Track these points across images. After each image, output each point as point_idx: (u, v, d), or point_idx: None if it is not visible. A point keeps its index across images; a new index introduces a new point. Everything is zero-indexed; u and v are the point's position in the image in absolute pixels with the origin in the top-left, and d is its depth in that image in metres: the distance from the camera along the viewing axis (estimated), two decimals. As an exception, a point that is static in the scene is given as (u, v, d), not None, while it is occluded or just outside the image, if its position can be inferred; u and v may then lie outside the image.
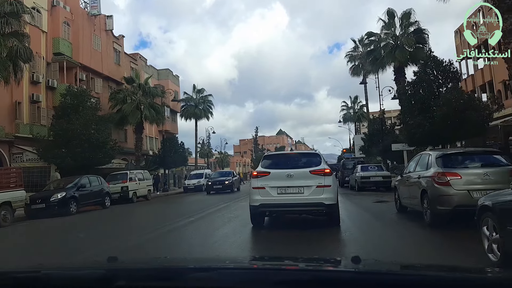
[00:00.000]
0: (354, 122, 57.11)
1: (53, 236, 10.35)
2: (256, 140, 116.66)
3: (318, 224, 8.19)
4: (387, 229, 8.23)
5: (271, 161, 8.25)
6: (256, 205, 7.75)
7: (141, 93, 29.11)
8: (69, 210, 14.32)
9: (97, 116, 23.27)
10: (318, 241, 6.79)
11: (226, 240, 7.57)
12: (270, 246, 6.79)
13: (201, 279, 1.45)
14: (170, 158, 34.61)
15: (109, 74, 31.35)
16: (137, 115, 28.39)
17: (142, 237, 8.30)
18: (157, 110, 29.75)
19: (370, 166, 20.44)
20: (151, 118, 28.92)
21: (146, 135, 40.61)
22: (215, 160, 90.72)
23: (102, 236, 9.38)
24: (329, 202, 7.50)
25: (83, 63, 27.95)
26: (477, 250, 4.93)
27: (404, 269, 1.77)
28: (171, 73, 46.12)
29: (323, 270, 1.71)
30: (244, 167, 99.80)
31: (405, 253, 5.70)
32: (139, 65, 39.35)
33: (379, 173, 19.17)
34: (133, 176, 20.48)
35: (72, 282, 1.53)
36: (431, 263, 2.20)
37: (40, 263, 3.09)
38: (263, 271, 1.67)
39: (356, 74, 42.37)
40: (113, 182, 19.70)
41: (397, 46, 26.56)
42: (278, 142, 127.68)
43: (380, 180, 18.85)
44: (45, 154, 21.00)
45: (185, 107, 46.41)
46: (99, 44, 30.45)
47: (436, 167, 7.49)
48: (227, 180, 25.29)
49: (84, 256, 6.20)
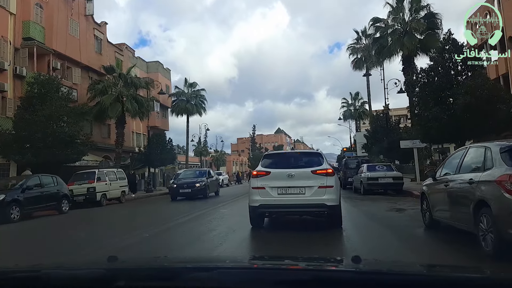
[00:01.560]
0: (355, 119, 54.37)
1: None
2: (254, 138, 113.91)
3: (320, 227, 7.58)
4: (419, 258, 5.50)
5: (272, 160, 8.02)
6: (255, 205, 7.52)
7: (122, 84, 26.32)
8: (9, 217, 11.60)
9: (69, 108, 20.54)
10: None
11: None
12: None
13: (201, 279, 1.44)
14: (156, 156, 31.91)
15: (88, 64, 28.53)
16: (118, 108, 25.62)
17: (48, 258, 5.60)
18: (140, 102, 26.95)
19: (378, 166, 17.71)
20: (134, 111, 26.12)
21: (133, 131, 37.97)
22: (211, 159, 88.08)
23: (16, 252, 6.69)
24: (331, 204, 7.25)
25: (57, 50, 25.14)
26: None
27: (405, 269, 1.78)
28: (161, 65, 43.32)
29: (323, 270, 1.72)
30: (242, 166, 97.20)
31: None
32: (125, 56, 36.59)
33: (389, 173, 16.45)
34: (102, 175, 17.69)
35: (72, 281, 1.51)
36: (431, 263, 1.93)
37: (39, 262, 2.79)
38: (263, 271, 1.66)
39: (358, 68, 39.77)
40: (78, 182, 16.95)
41: (405, 32, 23.89)
42: (276, 140, 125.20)
43: (390, 182, 16.14)
44: (4, 149, 18.27)
45: (176, 102, 43.58)
46: (77, 30, 27.62)
47: (503, 167, 4.80)
48: (198, 182, 18.98)
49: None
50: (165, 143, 33.41)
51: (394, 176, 16.35)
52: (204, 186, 19.14)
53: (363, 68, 39.03)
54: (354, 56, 40.01)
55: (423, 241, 6.78)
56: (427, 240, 6.80)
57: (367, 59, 38.14)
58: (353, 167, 23.24)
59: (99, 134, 31.05)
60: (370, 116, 40.27)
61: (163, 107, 43.09)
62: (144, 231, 8.69)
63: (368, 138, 31.91)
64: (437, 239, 6.62)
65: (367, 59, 38.15)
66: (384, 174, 16.37)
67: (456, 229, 6.10)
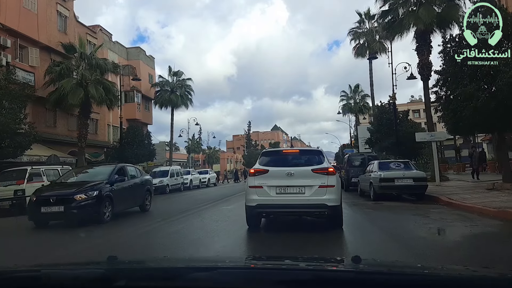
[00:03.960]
0: (355, 113, 50.42)
1: None
2: (249, 135, 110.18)
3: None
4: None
5: (270, 158, 7.65)
6: (252, 205, 7.13)
7: (85, 66, 22.34)
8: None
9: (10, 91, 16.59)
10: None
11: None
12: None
13: (201, 279, 1.44)
14: (133, 151, 28.01)
15: (49, 44, 24.46)
16: (80, 93, 21.63)
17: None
18: (107, 88, 22.96)
19: (393, 163, 13.75)
20: (99, 98, 22.10)
21: (110, 123, 34.02)
22: (204, 157, 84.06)
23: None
24: (332, 204, 6.87)
25: (6, 25, 21.13)
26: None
27: (405, 269, 1.77)
28: (143, 52, 39.24)
29: (323, 270, 1.70)
30: (236, 163, 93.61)
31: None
32: (99, 39, 32.53)
33: (408, 173, 12.56)
34: (37, 174, 13.73)
35: (72, 281, 1.49)
36: (431, 264, 1.89)
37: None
38: (264, 271, 1.65)
39: (361, 54, 35.80)
40: (4, 183, 13.01)
41: (421, 3, 19.96)
42: (273, 138, 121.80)
43: (411, 184, 12.25)
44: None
45: (159, 93, 39.48)
46: (35, 3, 23.56)
47: None
48: (82, 193, 9.27)
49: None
50: (142, 136, 29.46)
51: (415, 176, 12.45)
52: (96, 199, 9.36)
53: (365, 55, 35.04)
54: (356, 41, 36.06)
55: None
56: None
57: (371, 43, 34.24)
58: (357, 165, 19.43)
59: (64, 126, 27.10)
60: (373, 109, 36.34)
61: (146, 99, 39.08)
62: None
63: (372, 132, 27.97)
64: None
65: (370, 44, 34.25)
66: (402, 173, 12.49)
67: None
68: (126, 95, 37.29)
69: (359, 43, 35.97)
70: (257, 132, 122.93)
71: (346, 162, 19.61)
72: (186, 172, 31.01)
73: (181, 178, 27.50)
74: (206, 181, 33.72)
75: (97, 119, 32.10)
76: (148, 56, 40.59)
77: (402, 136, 22.76)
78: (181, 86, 39.59)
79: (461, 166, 27.12)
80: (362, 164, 18.92)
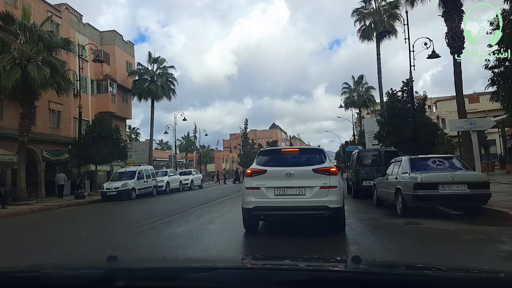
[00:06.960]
0: (358, 107, 45.89)
1: None
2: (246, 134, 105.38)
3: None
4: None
5: (268, 158, 7.29)
6: (249, 207, 6.79)
7: (25, 40, 17.76)
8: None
9: None
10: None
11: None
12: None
13: (201, 279, 1.42)
14: (99, 150, 23.47)
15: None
16: (16, 73, 17.06)
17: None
18: (55, 68, 18.35)
19: (432, 160, 9.04)
20: (42, 80, 17.44)
21: (76, 117, 29.40)
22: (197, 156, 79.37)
23: None
24: (334, 206, 6.53)
25: None
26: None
27: (405, 269, 1.72)
28: (120, 37, 34.62)
29: (323, 270, 1.67)
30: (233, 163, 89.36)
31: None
32: (64, 18, 28.02)
33: (459, 174, 7.98)
34: None
35: (72, 281, 1.47)
36: (431, 264, 1.69)
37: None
38: (264, 271, 1.62)
39: (367, 37, 31.29)
40: None
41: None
42: (271, 136, 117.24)
43: (465, 192, 7.70)
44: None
45: (137, 82, 34.85)
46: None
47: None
48: None
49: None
50: (111, 131, 24.85)
51: (471, 180, 7.86)
52: None
53: (372, 38, 30.61)
54: (362, 23, 31.52)
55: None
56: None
57: (378, 24, 29.70)
58: (369, 163, 14.92)
59: (15, 117, 22.58)
60: (381, 98, 31.75)
61: (124, 90, 34.51)
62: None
63: (382, 125, 23.41)
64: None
65: (377, 25, 29.70)
66: (451, 176, 7.90)
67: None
68: (98, 84, 32.77)
69: (364, 24, 31.45)
70: (255, 131, 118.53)
71: (356, 160, 15.02)
72: (163, 173, 26.44)
73: (153, 181, 22.95)
74: (189, 183, 29.10)
75: (60, 111, 27.62)
76: (127, 41, 35.99)
77: (418, 128, 18.45)
78: (162, 74, 34.98)
79: (489, 164, 22.60)
80: (376, 163, 14.43)
